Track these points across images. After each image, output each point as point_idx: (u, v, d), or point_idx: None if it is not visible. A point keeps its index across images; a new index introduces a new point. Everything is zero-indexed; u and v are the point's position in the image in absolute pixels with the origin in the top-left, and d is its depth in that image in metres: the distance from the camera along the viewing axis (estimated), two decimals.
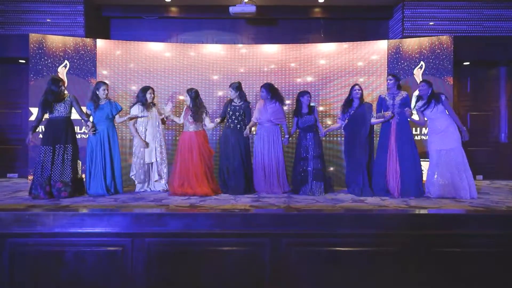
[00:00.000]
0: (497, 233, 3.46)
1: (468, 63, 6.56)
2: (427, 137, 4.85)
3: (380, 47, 5.93)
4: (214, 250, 3.44)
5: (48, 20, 6.17)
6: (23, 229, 3.43)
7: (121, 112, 4.94)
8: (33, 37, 5.71)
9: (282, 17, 6.86)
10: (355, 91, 4.83)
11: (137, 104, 4.96)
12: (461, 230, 3.49)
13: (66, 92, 4.64)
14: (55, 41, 5.77)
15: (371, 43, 5.98)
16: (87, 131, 4.58)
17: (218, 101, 5.99)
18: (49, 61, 5.72)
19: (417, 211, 3.83)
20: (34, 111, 5.63)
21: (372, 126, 4.86)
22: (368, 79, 5.91)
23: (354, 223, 3.57)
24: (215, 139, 5.88)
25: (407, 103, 4.71)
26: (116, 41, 6.10)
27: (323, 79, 5.99)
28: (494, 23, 6.23)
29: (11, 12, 6.13)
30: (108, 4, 6.63)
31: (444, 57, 5.80)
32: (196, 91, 4.94)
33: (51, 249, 3.41)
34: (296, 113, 4.97)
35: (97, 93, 4.71)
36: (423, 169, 4.81)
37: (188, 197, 4.54)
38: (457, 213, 3.75)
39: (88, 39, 5.92)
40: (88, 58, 5.85)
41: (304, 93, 4.99)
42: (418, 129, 5.72)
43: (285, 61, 6.03)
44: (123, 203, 4.15)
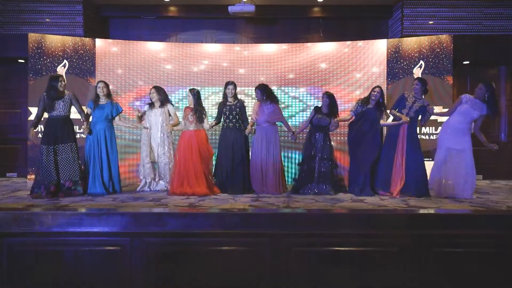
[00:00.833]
0: (497, 233, 3.45)
1: (468, 62, 6.55)
2: (439, 133, 4.79)
3: (380, 46, 5.92)
4: (213, 250, 3.44)
5: (47, 20, 6.16)
6: (21, 229, 3.42)
7: (121, 113, 4.95)
8: (32, 36, 5.70)
9: (281, 16, 6.85)
10: (374, 93, 4.77)
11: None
12: (461, 230, 3.48)
13: (66, 91, 4.62)
14: (54, 40, 5.76)
15: (370, 42, 5.97)
16: (82, 131, 4.57)
17: (217, 101, 5.97)
18: (48, 60, 5.71)
19: (417, 211, 3.82)
20: (33, 110, 5.62)
21: (381, 129, 4.85)
22: (368, 79, 5.89)
23: (354, 223, 3.56)
24: (215, 138, 5.86)
25: (424, 111, 4.65)
26: (115, 40, 6.09)
27: (323, 79, 5.97)
28: (494, 21, 6.22)
29: (10, 12, 6.14)
30: (107, 3, 6.63)
31: (443, 56, 5.79)
32: (198, 90, 4.95)
33: (50, 249, 3.41)
34: (316, 109, 4.92)
35: (97, 91, 4.72)
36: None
37: (187, 196, 4.54)
38: (457, 213, 3.75)
39: (87, 39, 5.91)
40: (87, 58, 5.84)
41: (326, 94, 4.91)
42: (418, 128, 5.69)
43: (284, 61, 6.02)
44: (122, 203, 4.14)
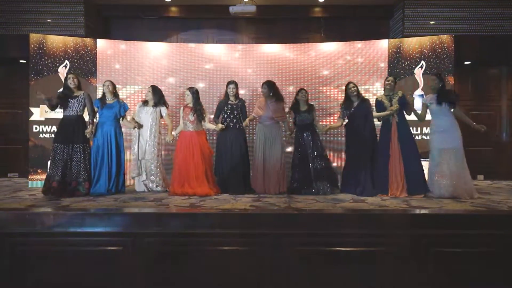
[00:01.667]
0: (498, 233, 3.44)
1: (469, 62, 6.54)
2: (429, 135, 4.85)
3: (381, 46, 5.92)
4: (214, 250, 3.44)
5: (48, 20, 6.17)
6: (23, 229, 3.43)
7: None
8: (34, 37, 5.70)
9: (282, 16, 6.85)
10: (350, 90, 4.86)
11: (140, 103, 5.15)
12: (462, 230, 3.48)
13: (81, 90, 4.72)
14: (56, 41, 5.77)
15: (371, 42, 5.96)
16: (86, 132, 4.60)
17: (217, 101, 5.98)
18: (50, 61, 5.72)
19: (417, 211, 3.82)
20: (34, 111, 5.64)
21: (374, 125, 4.87)
22: (369, 78, 5.89)
23: (355, 223, 3.57)
24: (213, 138, 5.86)
25: (404, 102, 4.75)
26: (116, 41, 6.09)
27: (324, 79, 5.97)
28: (495, 21, 6.20)
29: (12, 13, 6.13)
30: (108, 4, 6.63)
31: (444, 56, 5.78)
32: (196, 89, 4.97)
33: (51, 249, 3.42)
34: (294, 110, 4.97)
35: (103, 90, 4.81)
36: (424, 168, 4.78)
37: (188, 197, 4.54)
38: (458, 213, 3.75)
39: (88, 39, 5.92)
40: (88, 58, 5.84)
41: (300, 90, 5.01)
42: (419, 128, 5.70)
43: (285, 61, 6.02)
44: (123, 203, 4.15)
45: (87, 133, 4.61)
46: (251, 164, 5.06)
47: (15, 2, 6.13)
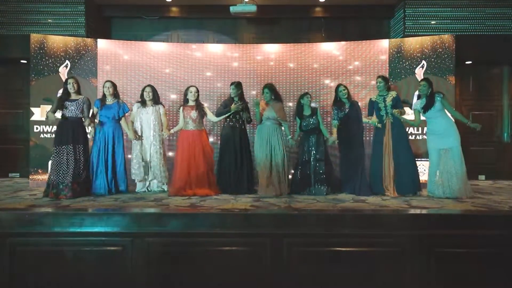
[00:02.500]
0: (499, 233, 3.43)
1: (471, 62, 6.52)
2: (426, 137, 4.85)
3: (382, 46, 5.90)
4: (214, 250, 3.44)
5: (49, 20, 6.18)
6: (23, 229, 3.43)
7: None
8: (34, 37, 5.71)
9: (283, 16, 6.84)
10: (341, 92, 4.89)
11: (136, 102, 5.08)
12: (463, 230, 3.46)
13: (81, 95, 4.71)
14: (56, 41, 5.77)
15: (372, 42, 5.94)
16: (87, 124, 4.64)
17: (218, 101, 5.97)
18: (50, 61, 5.72)
19: (418, 211, 3.81)
20: (35, 111, 5.64)
21: (363, 126, 4.95)
22: (370, 78, 5.87)
23: (355, 223, 3.55)
24: (216, 138, 5.87)
25: (398, 103, 4.76)
26: (117, 41, 6.09)
27: (324, 79, 5.96)
28: (497, 21, 6.18)
29: (12, 13, 6.15)
30: (109, 4, 6.64)
31: (446, 56, 5.76)
32: (197, 88, 4.99)
33: (52, 249, 3.42)
34: (299, 115, 4.97)
35: (103, 91, 4.81)
36: (424, 169, 4.78)
37: (188, 197, 4.54)
38: (458, 213, 3.73)
39: (89, 39, 5.92)
40: (89, 58, 5.84)
41: (304, 94, 5.00)
42: (419, 128, 5.68)
43: (285, 61, 6.01)
44: (123, 203, 4.15)
45: (86, 124, 4.62)
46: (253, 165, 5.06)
47: (16, 2, 6.14)
